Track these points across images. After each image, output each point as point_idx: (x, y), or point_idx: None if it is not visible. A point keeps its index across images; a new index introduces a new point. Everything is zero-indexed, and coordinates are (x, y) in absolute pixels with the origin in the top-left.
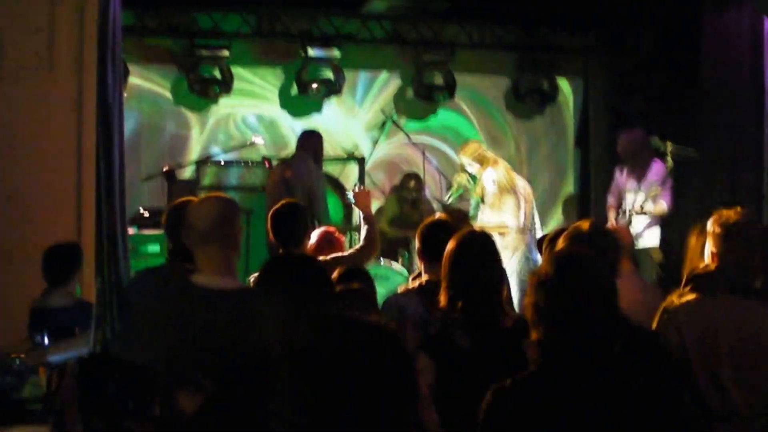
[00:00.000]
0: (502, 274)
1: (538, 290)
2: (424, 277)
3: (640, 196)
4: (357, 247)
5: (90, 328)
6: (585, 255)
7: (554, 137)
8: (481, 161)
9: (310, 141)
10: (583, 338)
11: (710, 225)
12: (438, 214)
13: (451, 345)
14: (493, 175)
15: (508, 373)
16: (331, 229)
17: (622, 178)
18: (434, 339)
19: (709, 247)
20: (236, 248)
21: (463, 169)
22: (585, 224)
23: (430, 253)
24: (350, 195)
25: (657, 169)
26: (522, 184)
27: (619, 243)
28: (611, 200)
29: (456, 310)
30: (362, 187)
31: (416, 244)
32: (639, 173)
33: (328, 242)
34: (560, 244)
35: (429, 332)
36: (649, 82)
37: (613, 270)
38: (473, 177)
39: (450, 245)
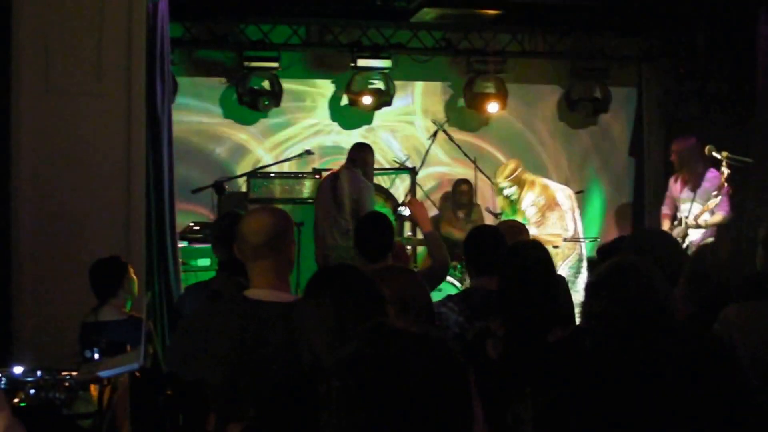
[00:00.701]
0: (556, 286)
1: (591, 297)
2: (469, 285)
3: (696, 206)
4: (427, 265)
5: (141, 343)
6: (640, 262)
7: (608, 146)
8: (519, 183)
9: (360, 153)
10: (638, 347)
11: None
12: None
13: (481, 354)
14: (532, 198)
15: (537, 388)
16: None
17: (676, 187)
18: (467, 347)
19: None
20: (290, 262)
21: (501, 192)
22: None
23: (476, 262)
24: (403, 209)
25: (712, 178)
26: (561, 194)
27: (681, 252)
28: (665, 210)
29: (499, 320)
30: (415, 199)
31: (464, 251)
32: (694, 182)
33: (393, 255)
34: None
35: (465, 340)
36: (704, 88)
37: (673, 280)
38: (512, 200)
39: (504, 256)
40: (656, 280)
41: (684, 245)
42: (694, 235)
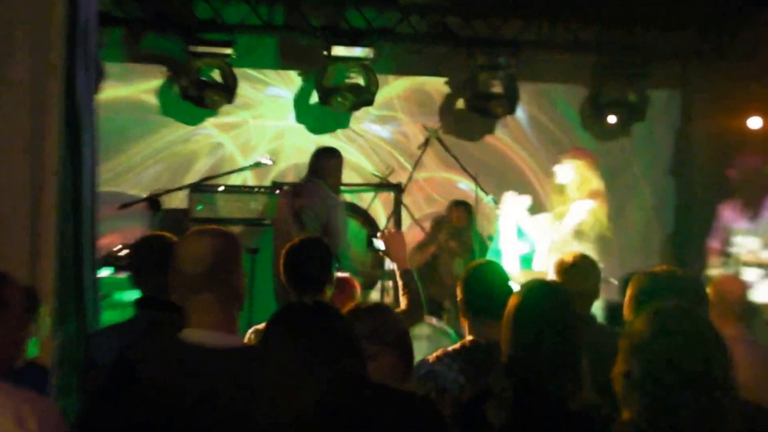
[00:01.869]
0: (577, 339)
1: (631, 356)
2: (468, 338)
3: (754, 240)
4: (402, 309)
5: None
6: (691, 311)
7: (643, 163)
8: (582, 173)
9: (326, 163)
10: (691, 419)
11: None
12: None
13: (480, 419)
14: (589, 207)
15: None
16: (342, 273)
17: (730, 215)
18: (463, 409)
19: None
20: (238, 296)
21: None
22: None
23: (475, 307)
24: (378, 242)
25: None
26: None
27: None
28: (714, 242)
29: (506, 380)
30: (392, 230)
31: (458, 294)
32: (753, 210)
33: (337, 289)
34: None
35: (459, 402)
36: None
37: None
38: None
39: (512, 300)
40: (711, 331)
41: None
42: (750, 275)
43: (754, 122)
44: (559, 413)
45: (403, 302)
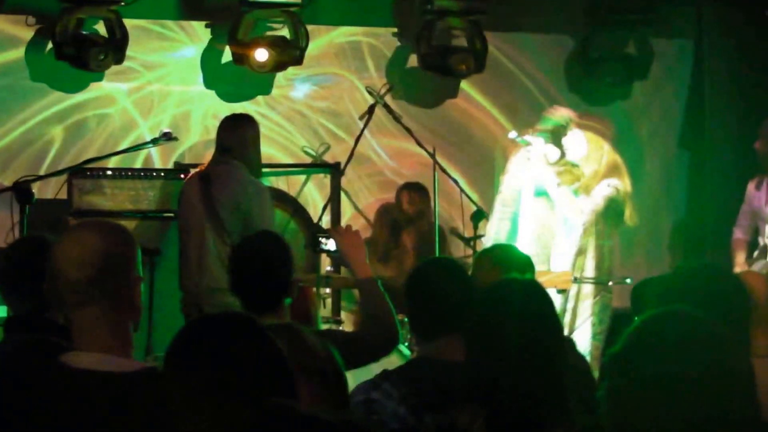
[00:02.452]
0: (561, 353)
1: (617, 377)
2: (415, 354)
3: None
4: (359, 332)
5: None
6: (697, 318)
7: (647, 130)
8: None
9: (242, 136)
10: None
11: None
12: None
13: None
14: (615, 189)
15: None
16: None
17: (759, 196)
18: None
19: None
20: (134, 309)
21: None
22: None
23: (424, 319)
24: (326, 242)
25: None
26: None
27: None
28: (739, 232)
29: (470, 411)
30: (344, 227)
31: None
32: None
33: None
34: None
35: None
36: None
37: (745, 343)
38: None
39: (481, 309)
40: (726, 345)
41: None
42: None
43: None
44: None
45: (353, 319)
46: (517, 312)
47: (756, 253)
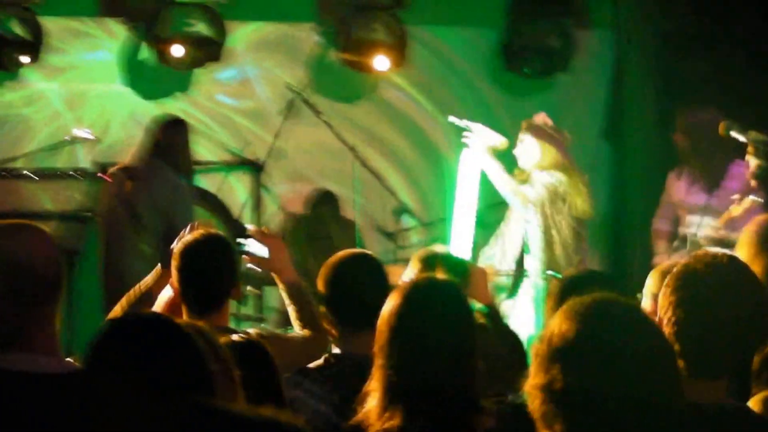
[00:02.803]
0: (473, 343)
1: (552, 364)
2: (334, 350)
3: (710, 218)
4: (303, 335)
5: None
6: (622, 300)
7: (570, 123)
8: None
9: (173, 138)
10: None
11: None
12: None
13: None
14: (558, 180)
15: None
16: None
17: (680, 186)
18: None
19: None
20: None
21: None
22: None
23: (344, 312)
24: (250, 243)
25: (738, 174)
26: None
27: None
28: (660, 223)
29: (392, 413)
30: (263, 229)
31: (320, 296)
32: (710, 179)
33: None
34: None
35: None
36: (723, 33)
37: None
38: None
39: (390, 302)
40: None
41: None
42: None
43: (702, 68)
44: None
45: (299, 327)
46: (437, 305)
47: (676, 243)
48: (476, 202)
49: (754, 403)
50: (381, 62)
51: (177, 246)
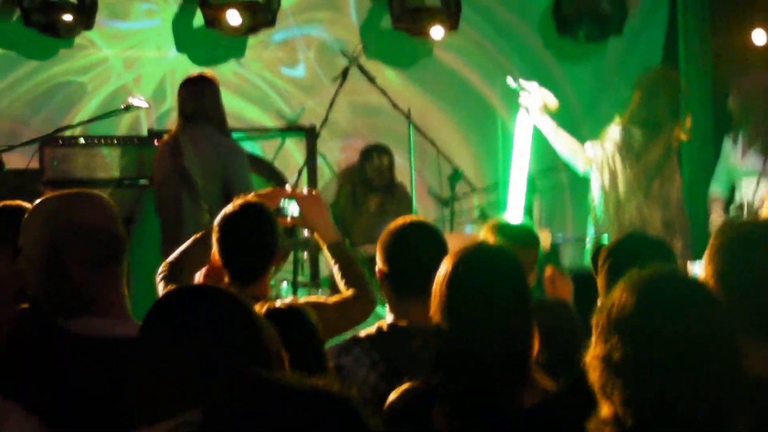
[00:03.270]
0: (528, 316)
1: (611, 335)
2: (388, 319)
3: (766, 182)
4: (345, 297)
5: None
6: (684, 275)
7: (622, 88)
8: None
9: (201, 98)
10: (691, 409)
11: None
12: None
13: (423, 428)
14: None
15: None
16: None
17: (736, 152)
18: (396, 418)
19: None
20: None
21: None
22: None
23: (397, 280)
24: (287, 205)
25: None
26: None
27: None
28: (716, 188)
29: (440, 374)
30: (308, 190)
31: (377, 262)
32: (765, 144)
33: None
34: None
35: (391, 408)
36: None
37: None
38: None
39: (443, 267)
40: (719, 308)
41: None
42: None
43: (759, 36)
44: (507, 411)
45: (344, 287)
46: (491, 272)
47: (733, 208)
48: (528, 165)
49: None
50: (436, 31)
51: (217, 218)
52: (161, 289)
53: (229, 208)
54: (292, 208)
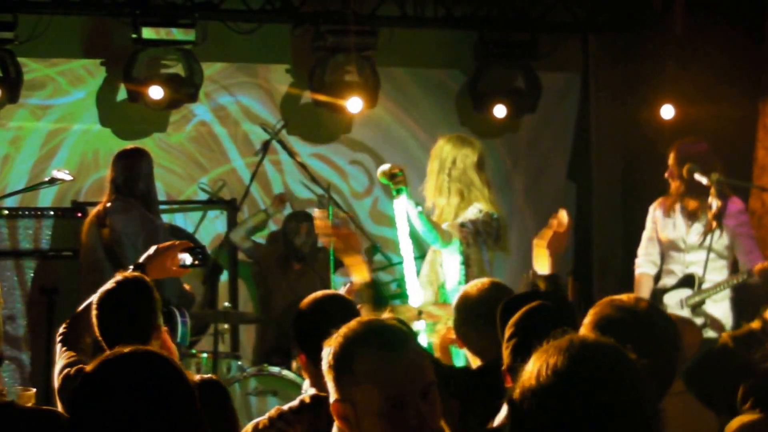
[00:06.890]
0: None
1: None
2: (309, 392)
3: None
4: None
5: None
6: (616, 349)
7: (534, 165)
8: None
9: (132, 171)
10: None
11: None
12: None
13: None
14: (478, 209)
15: None
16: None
17: (664, 216)
18: None
19: None
20: None
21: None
22: (626, 298)
23: (318, 353)
24: (183, 259)
25: (737, 212)
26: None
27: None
28: (646, 265)
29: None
30: (337, 215)
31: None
32: (704, 218)
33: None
34: (586, 325)
35: None
36: (683, 72)
37: (664, 386)
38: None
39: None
40: (640, 382)
41: (700, 323)
42: (715, 309)
43: (667, 111)
44: None
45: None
46: None
47: (673, 283)
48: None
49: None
50: (354, 104)
51: (95, 295)
52: (59, 349)
53: (108, 284)
54: (185, 258)
